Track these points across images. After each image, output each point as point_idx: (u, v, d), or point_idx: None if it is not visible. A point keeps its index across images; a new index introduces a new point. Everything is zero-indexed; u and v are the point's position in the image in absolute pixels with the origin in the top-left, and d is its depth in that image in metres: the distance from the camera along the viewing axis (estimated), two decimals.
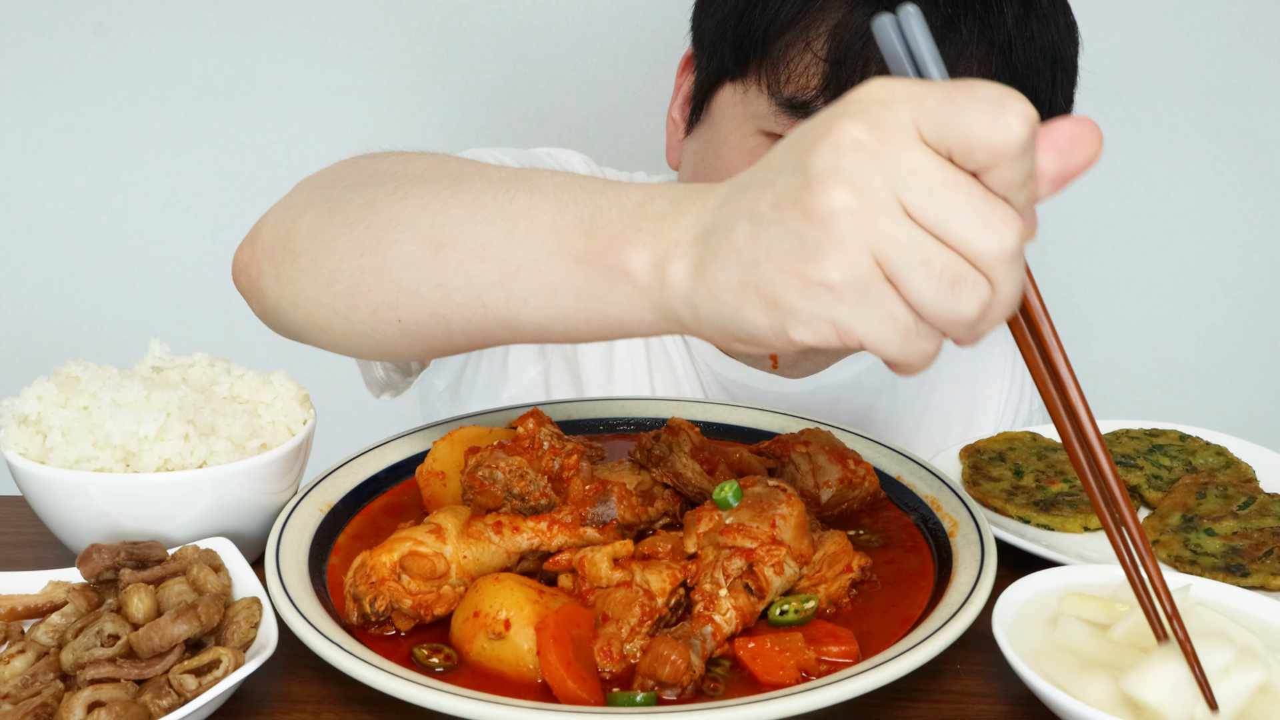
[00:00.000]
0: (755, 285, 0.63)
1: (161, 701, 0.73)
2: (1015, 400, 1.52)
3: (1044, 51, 1.09)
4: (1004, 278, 0.61)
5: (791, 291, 0.62)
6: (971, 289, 0.61)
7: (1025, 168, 0.60)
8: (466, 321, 0.78)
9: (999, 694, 0.83)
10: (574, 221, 0.72)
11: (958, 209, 0.59)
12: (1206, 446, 1.20)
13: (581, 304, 0.72)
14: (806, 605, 0.85)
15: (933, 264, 0.60)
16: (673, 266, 0.67)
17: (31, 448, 0.92)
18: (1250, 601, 0.86)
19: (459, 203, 0.78)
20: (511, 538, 0.88)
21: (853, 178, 0.59)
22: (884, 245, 0.60)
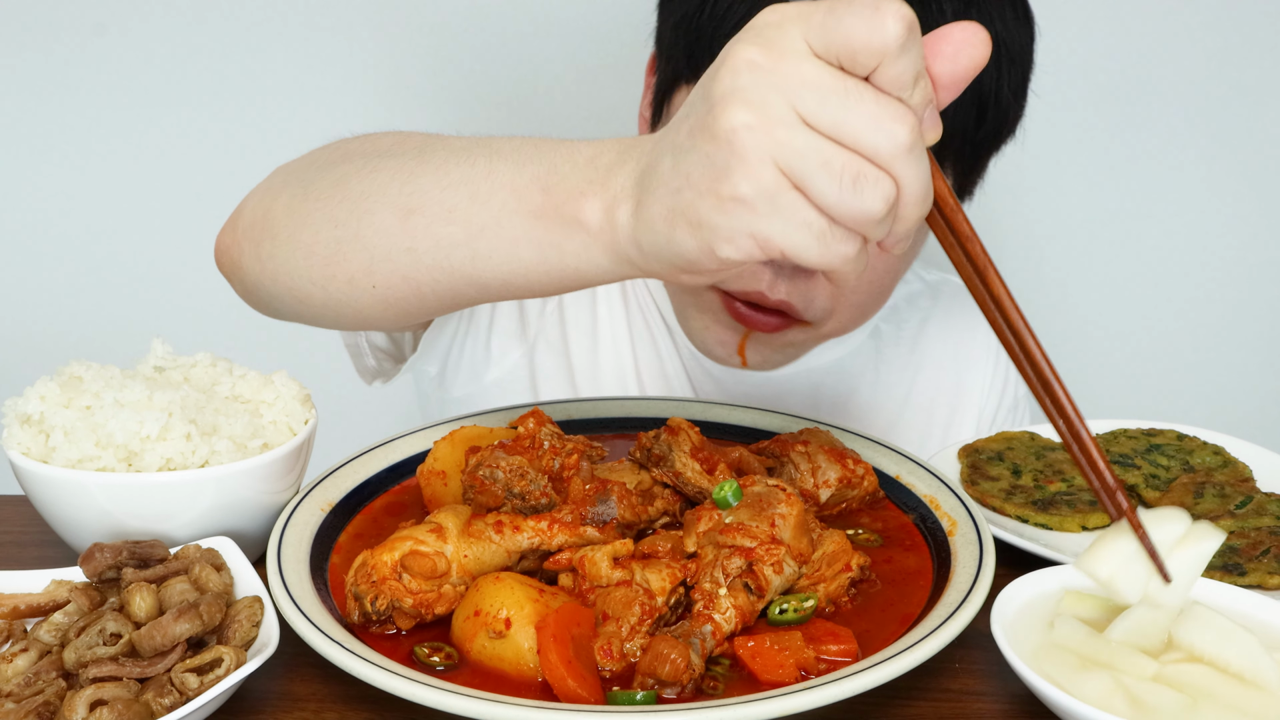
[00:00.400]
0: (681, 211, 0.68)
1: (163, 700, 0.73)
2: (1000, 387, 1.52)
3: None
4: (905, 172, 0.65)
5: (711, 210, 0.67)
6: (873, 185, 0.64)
7: (911, 65, 0.64)
8: (436, 282, 0.82)
9: (997, 693, 0.84)
10: (531, 180, 0.77)
11: (850, 111, 0.63)
12: (1204, 446, 1.20)
13: (542, 256, 0.77)
14: (806, 604, 0.85)
15: (833, 165, 0.64)
16: (619, 210, 0.73)
17: (34, 447, 0.93)
18: (1247, 601, 0.86)
19: (425, 171, 0.83)
20: (512, 537, 0.89)
21: (749, 95, 0.64)
22: (785, 154, 0.64)
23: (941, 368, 1.51)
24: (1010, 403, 1.54)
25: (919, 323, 1.51)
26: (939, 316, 1.52)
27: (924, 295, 1.54)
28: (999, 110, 1.13)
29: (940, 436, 1.49)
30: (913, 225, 0.69)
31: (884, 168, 0.65)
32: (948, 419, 1.50)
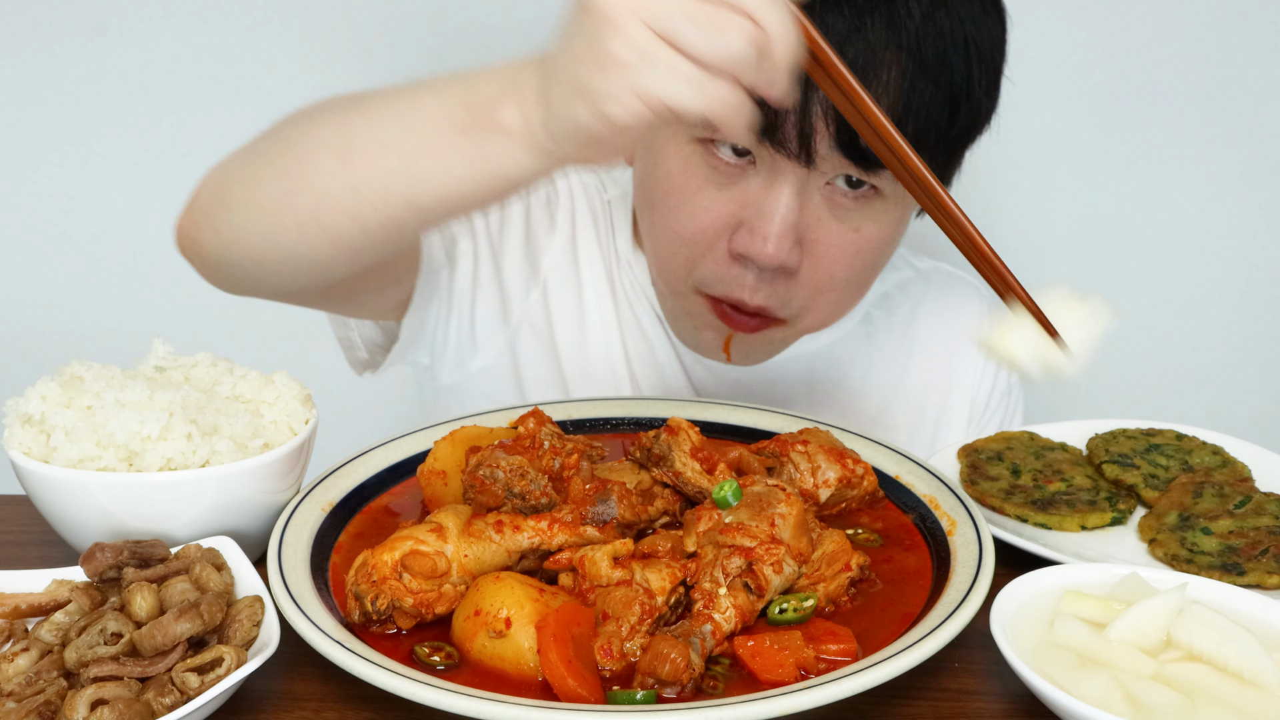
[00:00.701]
0: (573, 85, 0.76)
1: (164, 699, 0.74)
2: (992, 372, 1.53)
3: (956, 44, 1.11)
4: (762, 14, 0.73)
5: (594, 75, 0.74)
6: (736, 29, 0.72)
7: None
8: (378, 213, 0.88)
9: (997, 692, 0.84)
10: (455, 101, 0.85)
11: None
12: (1203, 446, 1.20)
13: (471, 167, 0.84)
14: (805, 604, 0.85)
15: (694, 14, 0.72)
16: (530, 107, 0.81)
17: (35, 447, 0.93)
18: (1246, 600, 0.86)
19: (359, 114, 0.91)
20: (512, 536, 0.89)
21: None
22: (650, 12, 0.72)
23: (933, 354, 1.52)
24: (1004, 388, 1.54)
25: (911, 309, 1.52)
26: (930, 305, 1.53)
27: (916, 282, 1.55)
28: (971, 106, 1.14)
29: (934, 421, 1.50)
30: (785, 65, 0.75)
31: (744, 12, 0.73)
32: (940, 403, 1.51)
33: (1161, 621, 0.82)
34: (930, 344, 1.52)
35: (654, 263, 1.29)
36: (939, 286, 1.56)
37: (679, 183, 1.17)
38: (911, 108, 1.09)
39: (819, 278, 1.19)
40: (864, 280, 1.26)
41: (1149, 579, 0.88)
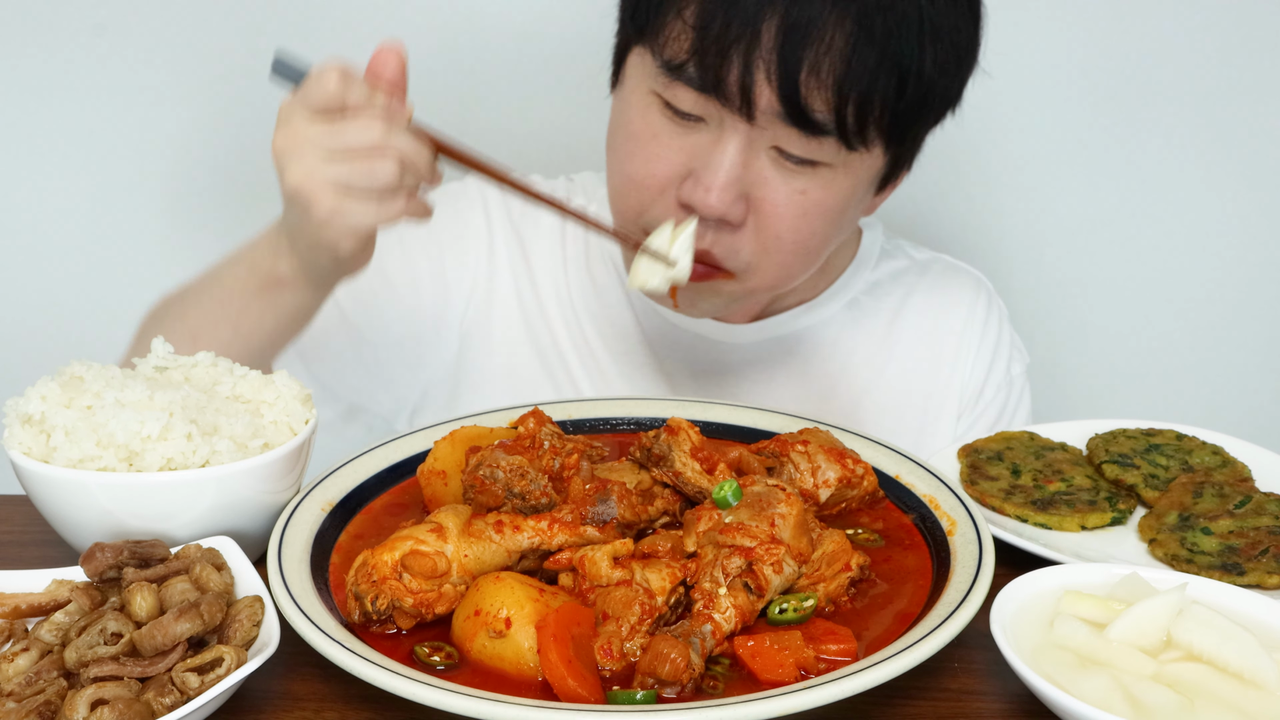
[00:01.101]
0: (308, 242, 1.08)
1: (164, 699, 0.74)
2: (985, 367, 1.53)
3: (908, 20, 1.12)
4: (395, 143, 1.02)
5: (319, 232, 1.05)
6: (385, 164, 1.02)
7: (358, 90, 1.02)
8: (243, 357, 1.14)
9: (997, 692, 0.84)
10: (248, 273, 1.17)
11: (344, 134, 1.01)
12: (1203, 446, 1.20)
13: (275, 313, 1.17)
14: (805, 604, 0.85)
15: (359, 168, 1.01)
16: (293, 261, 1.13)
17: (35, 447, 0.93)
18: (1246, 600, 0.86)
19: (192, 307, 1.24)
20: (512, 536, 0.89)
21: (293, 161, 1.03)
22: (333, 179, 1.01)
23: (921, 342, 1.52)
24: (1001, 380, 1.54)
25: (902, 297, 1.53)
26: (923, 293, 1.54)
27: (911, 272, 1.55)
28: (921, 83, 1.15)
29: (919, 409, 1.50)
30: (426, 164, 1.05)
31: (383, 150, 1.01)
32: (927, 391, 1.51)
33: (1161, 622, 0.82)
34: (919, 332, 1.53)
35: (611, 204, 1.32)
36: (935, 277, 1.56)
37: (637, 129, 1.22)
38: (853, 73, 1.11)
39: (766, 237, 1.22)
40: (812, 246, 1.26)
41: (1149, 579, 0.88)
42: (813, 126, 1.13)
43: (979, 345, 1.53)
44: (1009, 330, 1.58)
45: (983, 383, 1.53)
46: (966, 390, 1.52)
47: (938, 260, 1.59)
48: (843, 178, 1.21)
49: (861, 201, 1.29)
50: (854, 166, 1.20)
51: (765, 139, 1.16)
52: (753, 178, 1.18)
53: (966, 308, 1.54)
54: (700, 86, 1.14)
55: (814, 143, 1.15)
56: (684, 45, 1.14)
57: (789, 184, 1.19)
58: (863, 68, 1.11)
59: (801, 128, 1.13)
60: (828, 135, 1.14)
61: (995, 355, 1.54)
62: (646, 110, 1.21)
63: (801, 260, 1.28)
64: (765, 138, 1.16)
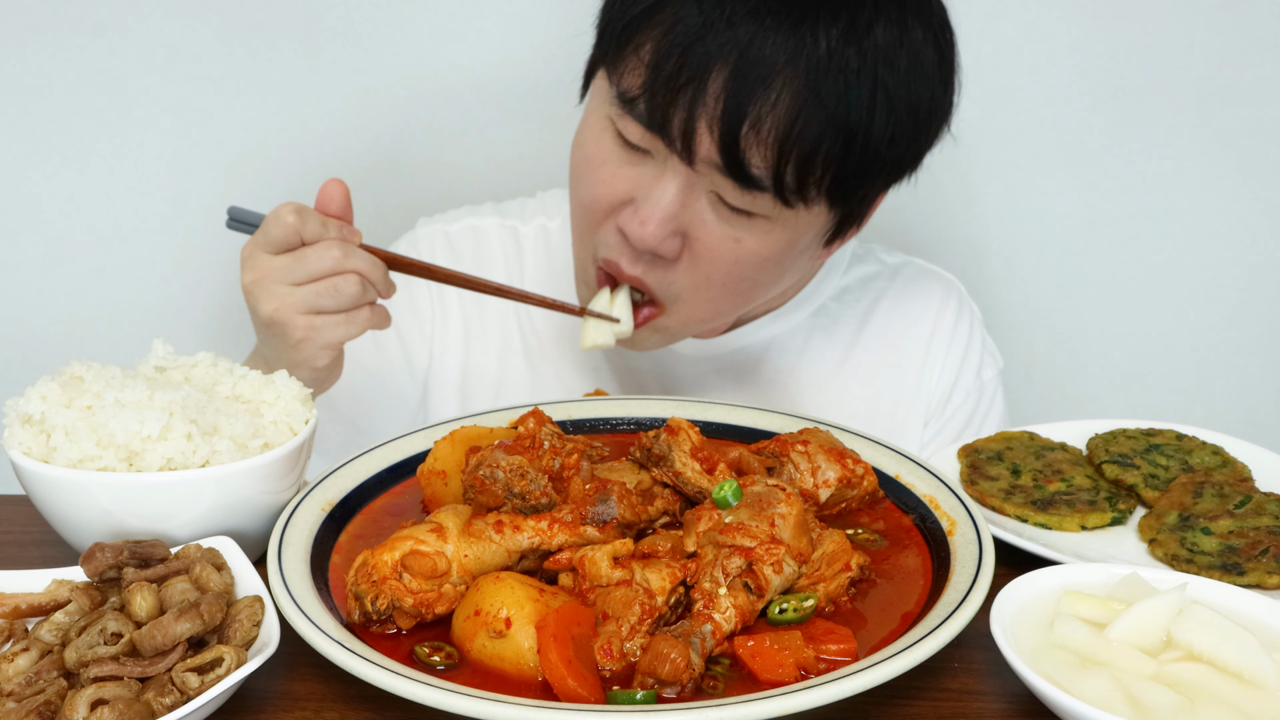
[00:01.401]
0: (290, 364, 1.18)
1: (164, 699, 0.74)
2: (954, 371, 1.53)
3: (861, 85, 1.11)
4: (353, 264, 1.14)
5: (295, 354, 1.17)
6: (346, 284, 1.14)
7: (313, 221, 1.15)
8: None
9: (997, 692, 0.84)
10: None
11: (305, 263, 1.13)
12: (1203, 446, 1.20)
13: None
14: (805, 604, 0.85)
15: (323, 290, 1.14)
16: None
17: (35, 447, 0.93)
18: (1246, 600, 0.86)
19: None
20: (512, 536, 0.89)
21: (263, 296, 1.14)
22: (301, 305, 1.14)
23: (888, 348, 1.52)
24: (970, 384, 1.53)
25: (870, 303, 1.53)
26: (892, 298, 1.54)
27: (881, 277, 1.55)
28: (868, 148, 1.14)
29: (887, 415, 1.50)
30: (381, 278, 1.18)
31: (343, 271, 1.14)
32: (894, 397, 1.51)
33: (1162, 622, 0.82)
34: (887, 338, 1.53)
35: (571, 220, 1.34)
36: (905, 282, 1.56)
37: (590, 151, 1.24)
38: (796, 133, 1.10)
39: (698, 275, 1.23)
40: (742, 290, 1.27)
41: (1149, 579, 0.88)
42: (749, 181, 1.13)
43: (948, 350, 1.53)
44: (980, 334, 1.57)
45: (951, 387, 1.53)
46: (934, 396, 1.52)
47: (909, 264, 1.58)
48: (780, 230, 1.20)
49: (805, 252, 1.28)
50: (793, 221, 1.20)
51: (705, 183, 1.17)
52: (690, 217, 1.19)
53: (935, 312, 1.54)
54: (647, 124, 1.15)
55: (750, 195, 1.15)
56: (637, 81, 1.15)
57: (724, 229, 1.19)
58: (806, 128, 1.11)
59: (738, 181, 1.14)
60: (764, 191, 1.14)
61: (965, 360, 1.54)
62: (601, 134, 1.22)
63: (733, 301, 1.29)
64: (705, 182, 1.16)
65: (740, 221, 1.19)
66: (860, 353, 1.51)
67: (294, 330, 1.14)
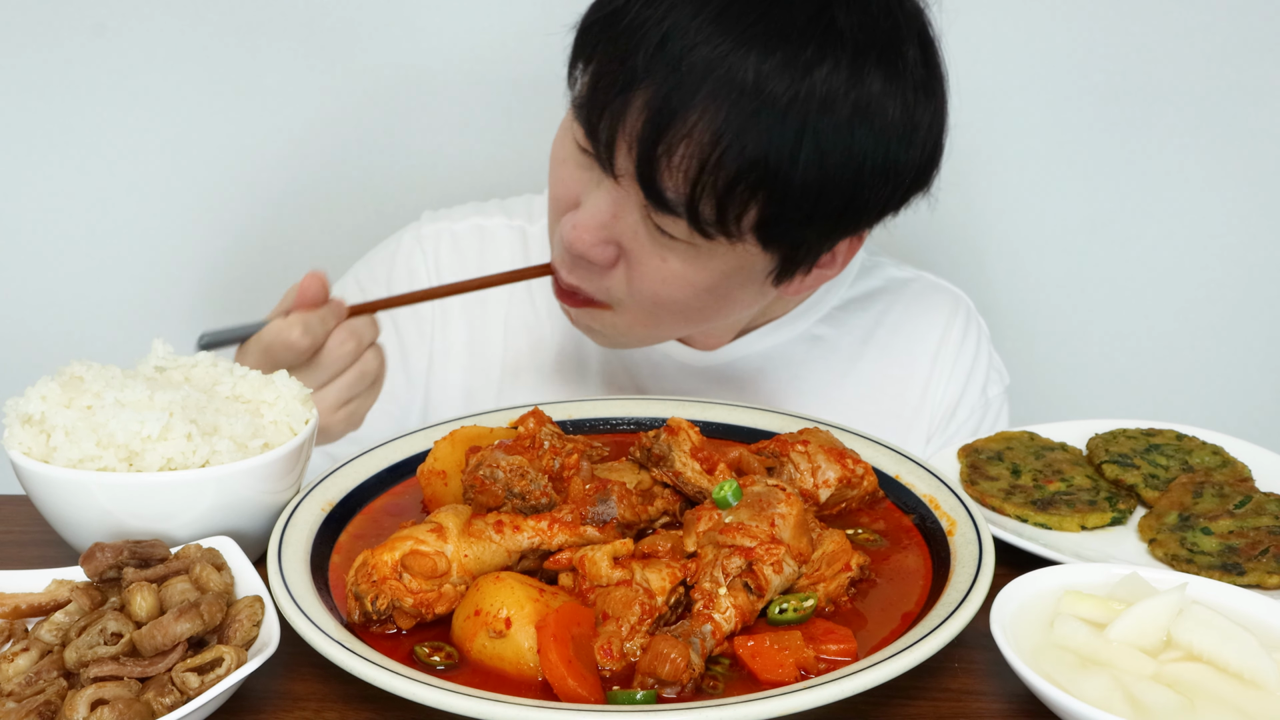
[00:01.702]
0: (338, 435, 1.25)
1: (164, 699, 0.74)
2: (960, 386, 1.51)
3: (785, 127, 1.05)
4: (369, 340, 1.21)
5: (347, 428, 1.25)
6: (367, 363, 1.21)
7: (317, 334, 1.15)
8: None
9: (997, 692, 0.84)
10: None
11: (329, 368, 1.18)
12: (1203, 446, 1.20)
13: None
14: (805, 604, 0.85)
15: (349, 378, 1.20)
16: None
17: (35, 447, 0.93)
18: (1246, 600, 0.86)
19: None
20: (512, 536, 0.89)
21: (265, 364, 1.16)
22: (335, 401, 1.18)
23: (895, 362, 1.50)
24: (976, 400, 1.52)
25: (877, 315, 1.51)
26: (899, 311, 1.52)
27: (889, 290, 1.53)
28: (792, 193, 1.08)
29: (891, 430, 1.48)
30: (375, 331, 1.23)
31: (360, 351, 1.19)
32: (897, 411, 1.50)
33: (1162, 622, 0.82)
34: (891, 351, 1.51)
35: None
36: (913, 296, 1.54)
37: (556, 150, 1.25)
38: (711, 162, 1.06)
39: (635, 288, 1.20)
40: (679, 311, 1.23)
41: (1149, 579, 0.88)
42: (664, 205, 1.10)
43: (954, 365, 1.51)
44: (988, 350, 1.55)
45: (955, 404, 1.51)
46: (938, 411, 1.51)
47: (919, 279, 1.56)
48: (709, 260, 1.16)
49: (746, 288, 1.23)
50: (723, 254, 1.16)
51: (637, 199, 1.14)
52: (623, 229, 1.17)
53: (941, 328, 1.52)
54: (585, 133, 1.14)
55: (669, 220, 1.12)
56: (584, 90, 1.15)
57: (652, 247, 1.17)
58: (723, 162, 1.06)
59: (653, 204, 1.11)
60: (679, 217, 1.11)
61: (971, 375, 1.52)
62: (565, 134, 1.23)
63: (673, 321, 1.26)
64: (637, 199, 1.14)
65: (666, 243, 1.15)
66: (864, 365, 1.49)
67: (335, 428, 1.20)
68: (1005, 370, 1.58)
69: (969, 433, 1.51)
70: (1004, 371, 1.57)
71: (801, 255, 1.19)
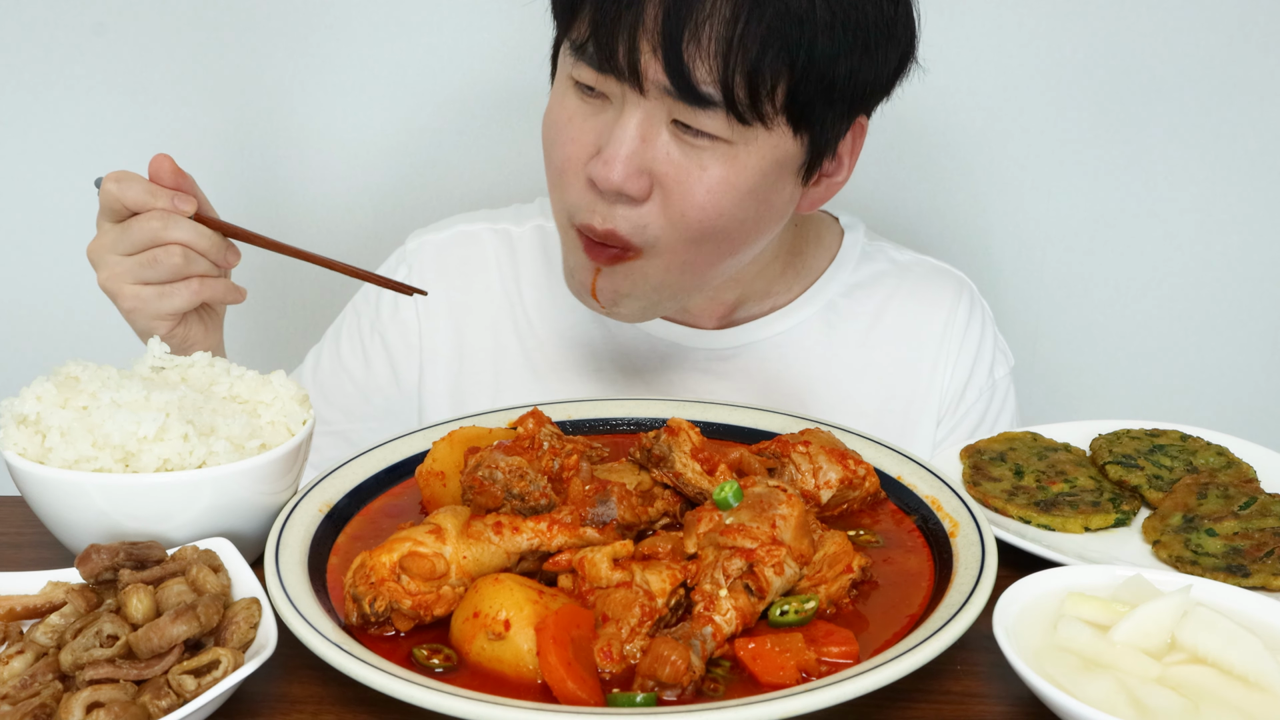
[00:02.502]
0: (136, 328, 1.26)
1: (160, 702, 0.73)
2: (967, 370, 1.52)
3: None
4: (175, 235, 1.19)
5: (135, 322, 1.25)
6: (166, 256, 1.19)
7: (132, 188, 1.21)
8: None
9: (1000, 695, 0.83)
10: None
11: (128, 235, 1.20)
12: (1207, 447, 1.19)
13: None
14: (807, 605, 0.85)
15: (145, 261, 1.19)
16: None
17: (31, 448, 0.92)
18: (1251, 602, 0.86)
19: None
20: (511, 538, 0.88)
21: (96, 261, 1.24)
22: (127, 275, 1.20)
23: (901, 345, 1.51)
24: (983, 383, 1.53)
25: (882, 300, 1.52)
26: (903, 296, 1.52)
27: (891, 274, 1.54)
28: (814, 60, 1.14)
29: (901, 414, 1.49)
30: (213, 249, 1.21)
31: (163, 243, 1.18)
32: (908, 396, 1.50)
33: (1166, 624, 0.82)
34: (898, 336, 1.51)
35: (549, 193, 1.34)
36: (916, 279, 1.54)
37: (555, 117, 1.25)
38: (737, 46, 1.11)
39: (672, 213, 1.21)
40: (720, 226, 1.24)
41: (1153, 581, 0.87)
42: (700, 99, 1.13)
43: (960, 348, 1.52)
44: (993, 332, 1.56)
45: (964, 386, 1.51)
46: (947, 394, 1.51)
47: (921, 262, 1.57)
48: (746, 155, 1.19)
49: (781, 188, 1.26)
50: (759, 145, 1.19)
51: (663, 113, 1.17)
52: (654, 154, 1.18)
53: (947, 310, 1.52)
54: (597, 65, 1.16)
55: (706, 116, 1.15)
56: (585, 26, 1.17)
57: (689, 159, 1.19)
58: (748, 42, 1.11)
59: (689, 100, 1.14)
60: (717, 108, 1.14)
61: (977, 358, 1.52)
62: (565, 96, 1.24)
63: (714, 242, 1.25)
64: (663, 112, 1.17)
65: (703, 149, 1.18)
66: (871, 350, 1.50)
67: (123, 300, 1.21)
68: (1010, 352, 1.59)
69: (979, 415, 1.51)
70: (1009, 353, 1.58)
71: (823, 140, 1.24)
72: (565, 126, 1.23)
